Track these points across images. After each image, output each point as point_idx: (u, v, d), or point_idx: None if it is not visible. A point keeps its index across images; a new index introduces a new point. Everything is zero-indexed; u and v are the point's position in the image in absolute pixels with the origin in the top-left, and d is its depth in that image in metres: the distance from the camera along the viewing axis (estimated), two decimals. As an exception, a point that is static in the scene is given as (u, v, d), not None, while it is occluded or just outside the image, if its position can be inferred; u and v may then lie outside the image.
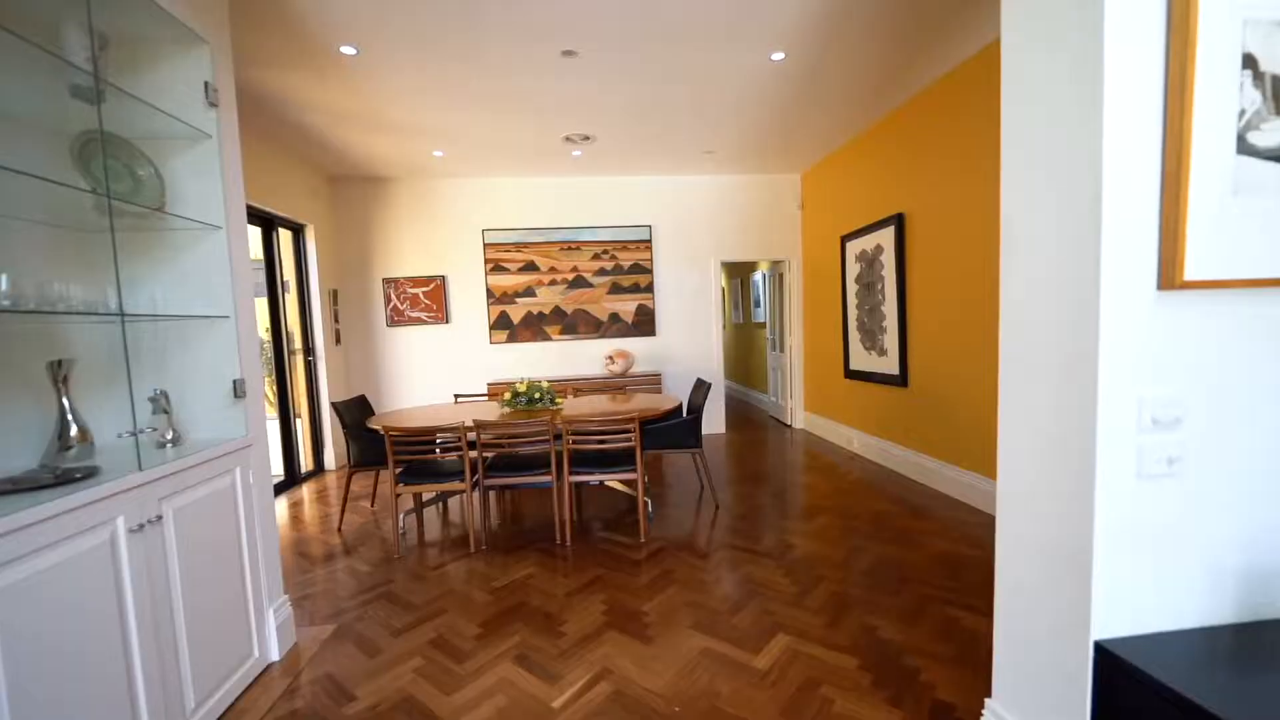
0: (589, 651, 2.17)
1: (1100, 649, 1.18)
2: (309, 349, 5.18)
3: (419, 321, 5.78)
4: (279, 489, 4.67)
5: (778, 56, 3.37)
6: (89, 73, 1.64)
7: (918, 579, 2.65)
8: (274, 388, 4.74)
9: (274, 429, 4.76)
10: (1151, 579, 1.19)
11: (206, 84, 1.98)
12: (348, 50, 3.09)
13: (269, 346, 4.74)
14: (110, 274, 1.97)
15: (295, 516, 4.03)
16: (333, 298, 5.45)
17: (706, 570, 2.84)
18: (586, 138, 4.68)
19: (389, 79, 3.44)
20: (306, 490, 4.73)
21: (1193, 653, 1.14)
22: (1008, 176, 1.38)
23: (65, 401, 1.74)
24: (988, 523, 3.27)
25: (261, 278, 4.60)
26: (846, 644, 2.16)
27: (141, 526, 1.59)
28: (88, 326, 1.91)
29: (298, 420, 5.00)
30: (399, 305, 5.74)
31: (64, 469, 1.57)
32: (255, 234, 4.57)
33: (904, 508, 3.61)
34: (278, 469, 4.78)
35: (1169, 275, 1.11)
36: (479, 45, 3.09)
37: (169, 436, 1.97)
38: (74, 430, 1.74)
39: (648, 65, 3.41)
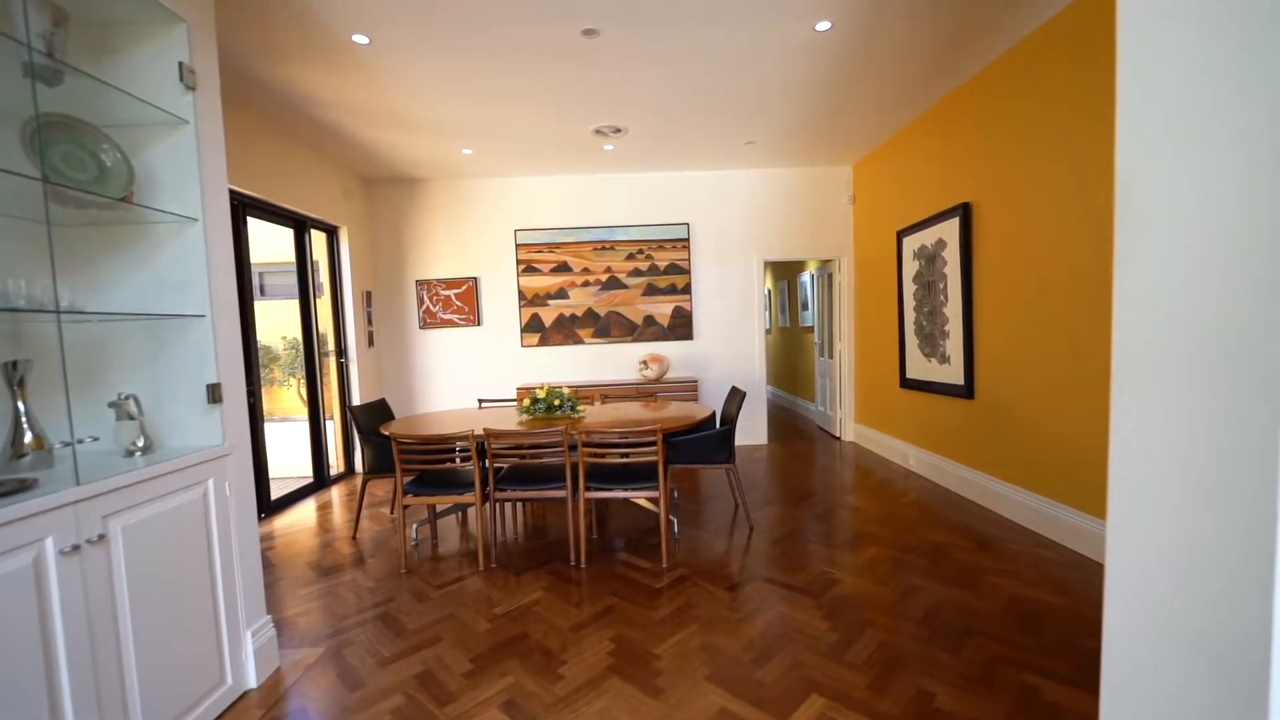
0: (586, 703, 1.88)
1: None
2: (341, 351, 5.17)
3: (451, 324, 5.69)
4: (307, 491, 4.64)
5: (823, 26, 3.00)
6: (39, 50, 1.51)
7: (985, 631, 2.22)
8: (305, 390, 4.73)
9: (304, 431, 4.76)
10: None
11: (181, 65, 1.84)
12: (360, 39, 2.96)
13: (301, 348, 4.73)
14: (77, 270, 1.86)
15: (316, 521, 3.96)
16: (366, 299, 5.43)
17: (733, 606, 2.49)
18: (618, 130, 4.42)
19: (404, 68, 3.30)
20: (335, 493, 4.68)
21: None
22: (1128, 122, 1.00)
23: (20, 405, 1.61)
24: (1072, 562, 2.77)
25: (291, 279, 4.60)
26: (895, 714, 1.78)
27: (77, 548, 1.42)
28: (53, 327, 1.79)
29: (329, 422, 4.98)
30: (431, 307, 5.67)
31: (-1, 481, 1.43)
32: (287, 236, 4.57)
33: (969, 539, 3.14)
34: (306, 471, 4.76)
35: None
36: (492, 28, 2.88)
37: (139, 444, 1.83)
38: (28, 437, 1.61)
39: (675, 42, 3.11)
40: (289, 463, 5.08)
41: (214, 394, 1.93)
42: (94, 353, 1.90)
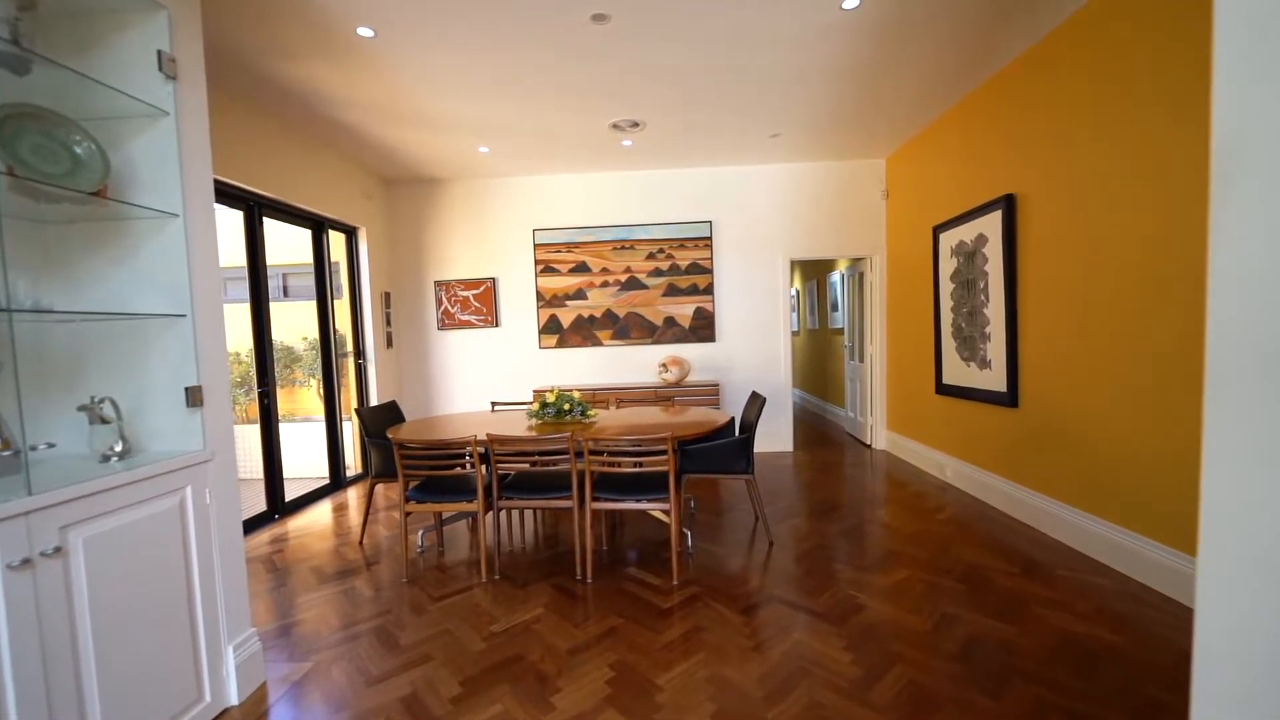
0: (577, 740, 1.72)
1: None
2: (360, 352, 5.15)
3: (469, 325, 5.63)
4: (324, 493, 4.62)
5: (850, 4, 2.77)
6: (3, 37, 1.44)
7: (1030, 671, 1.96)
8: (322, 391, 4.72)
9: (321, 433, 4.75)
10: None
11: (160, 53, 1.76)
12: (365, 32, 2.88)
13: (318, 349, 4.72)
14: (53, 267, 1.80)
15: (327, 524, 3.91)
16: (385, 300, 5.42)
17: (746, 632, 2.29)
18: (635, 124, 4.26)
19: (411, 63, 3.21)
20: (351, 494, 4.65)
21: None
22: (1228, 74, 0.78)
23: (-12, 409, 1.55)
24: (1133, 594, 2.47)
25: (309, 280, 4.60)
26: (925, 770, 1.56)
27: (28, 561, 1.34)
28: (31, 328, 1.73)
29: (347, 423, 4.97)
30: (450, 308, 5.62)
31: (-50, 490, 1.35)
32: (305, 236, 4.57)
33: (1012, 562, 2.86)
34: (323, 472, 4.75)
35: None
36: (496, 17, 2.76)
37: (117, 449, 1.76)
38: (-5, 441, 1.55)
39: (689, 25, 2.93)
40: (311, 463, 5.07)
41: (193, 397, 1.85)
42: (75, 354, 1.84)
